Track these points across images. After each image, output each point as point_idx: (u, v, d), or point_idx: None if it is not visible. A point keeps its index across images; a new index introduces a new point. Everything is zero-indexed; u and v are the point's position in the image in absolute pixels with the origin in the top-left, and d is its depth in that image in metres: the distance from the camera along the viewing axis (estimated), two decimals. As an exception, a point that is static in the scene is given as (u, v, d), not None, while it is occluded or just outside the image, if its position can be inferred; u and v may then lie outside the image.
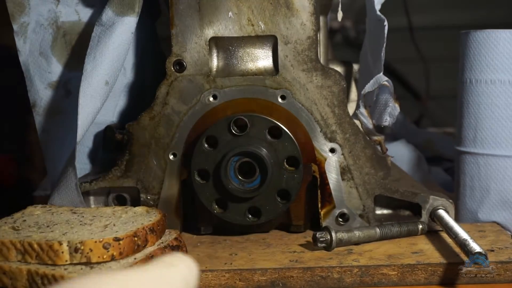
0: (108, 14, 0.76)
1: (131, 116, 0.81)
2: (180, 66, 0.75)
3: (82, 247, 0.59)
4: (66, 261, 0.59)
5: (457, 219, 0.79)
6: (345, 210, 0.76)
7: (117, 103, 0.85)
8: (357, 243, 0.71)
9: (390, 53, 0.95)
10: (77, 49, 0.83)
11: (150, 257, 0.62)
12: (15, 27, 0.81)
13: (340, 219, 0.76)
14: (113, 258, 0.60)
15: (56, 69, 0.83)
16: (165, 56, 0.76)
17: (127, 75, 0.85)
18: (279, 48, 0.74)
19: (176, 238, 0.67)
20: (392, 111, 0.78)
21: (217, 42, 0.76)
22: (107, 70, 0.75)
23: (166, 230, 0.70)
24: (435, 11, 1.91)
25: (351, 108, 0.86)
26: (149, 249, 0.64)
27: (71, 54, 0.84)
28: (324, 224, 0.76)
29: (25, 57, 0.82)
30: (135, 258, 0.62)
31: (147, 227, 0.64)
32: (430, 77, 1.83)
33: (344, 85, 0.75)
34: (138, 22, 0.78)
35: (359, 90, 0.90)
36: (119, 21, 0.76)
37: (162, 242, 0.66)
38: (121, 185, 0.77)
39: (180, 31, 0.75)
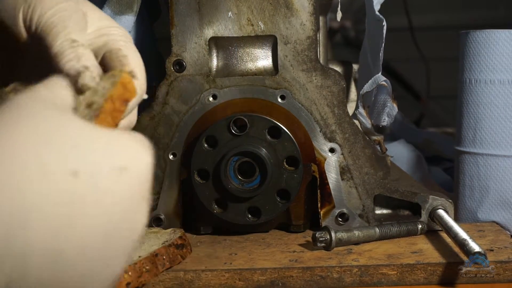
0: (106, 13, 0.77)
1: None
2: (180, 66, 0.75)
3: None
4: None
5: (456, 218, 0.79)
6: (344, 210, 0.76)
7: None
8: (356, 243, 0.71)
9: (390, 53, 0.95)
10: None
11: (154, 255, 0.63)
12: None
13: (340, 219, 0.76)
14: None
15: None
16: (162, 56, 0.77)
17: None
18: (279, 48, 0.74)
19: (180, 237, 0.68)
20: (390, 111, 0.79)
21: (217, 42, 0.76)
22: None
23: (171, 229, 0.71)
24: (435, 11, 1.92)
25: (350, 108, 0.86)
26: (153, 248, 0.64)
27: None
28: (323, 224, 0.76)
29: None
30: (139, 256, 0.62)
31: None
32: (430, 77, 1.83)
33: (344, 85, 0.75)
34: (137, 22, 0.78)
35: (358, 90, 0.91)
36: (117, 20, 0.76)
37: (167, 241, 0.66)
38: (121, 185, 0.77)
39: (180, 31, 0.75)
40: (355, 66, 0.93)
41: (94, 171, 0.38)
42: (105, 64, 0.49)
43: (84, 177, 0.37)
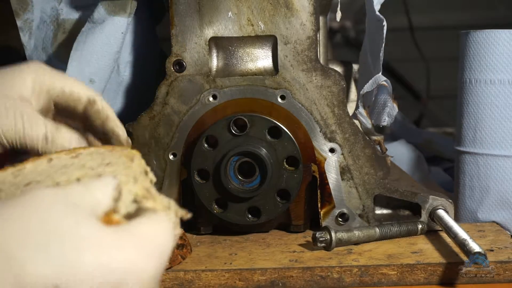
0: (100, 12, 0.77)
1: (129, 116, 0.81)
2: (180, 66, 0.75)
3: None
4: None
5: (456, 219, 0.79)
6: (344, 210, 0.76)
7: (114, 102, 0.85)
8: (356, 243, 0.71)
9: (390, 53, 0.95)
10: None
11: None
12: (19, 23, 0.82)
13: (340, 219, 0.76)
14: None
15: (54, 65, 0.84)
16: (165, 56, 0.77)
17: (121, 75, 0.85)
18: (279, 48, 0.74)
19: (181, 237, 0.68)
20: (390, 111, 0.79)
21: (217, 42, 0.76)
22: (92, 68, 0.76)
23: None
24: (435, 11, 1.92)
25: (350, 108, 0.86)
26: None
27: (69, 51, 0.84)
28: (323, 224, 0.76)
29: (30, 52, 0.83)
30: None
31: None
32: (430, 77, 1.83)
33: (344, 85, 0.75)
34: (134, 23, 0.78)
35: (358, 90, 0.91)
36: (109, 20, 0.77)
37: None
38: (121, 185, 0.77)
39: (180, 31, 0.75)
40: (355, 66, 0.93)
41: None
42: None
43: None
